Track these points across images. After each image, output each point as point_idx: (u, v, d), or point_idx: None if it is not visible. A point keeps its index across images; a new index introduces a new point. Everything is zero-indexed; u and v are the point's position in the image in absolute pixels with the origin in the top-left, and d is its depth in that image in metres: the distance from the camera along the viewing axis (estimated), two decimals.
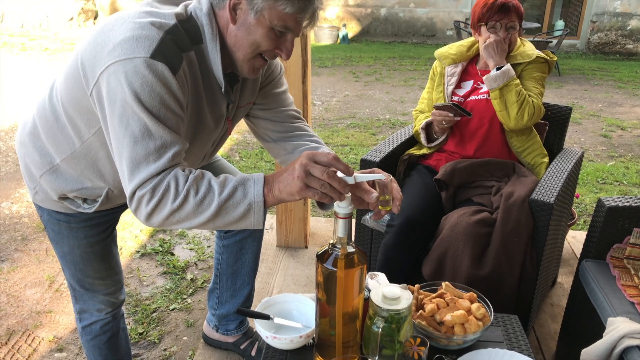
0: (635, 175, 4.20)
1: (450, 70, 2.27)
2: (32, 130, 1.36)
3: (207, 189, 1.10)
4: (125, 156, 1.10)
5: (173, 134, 1.12)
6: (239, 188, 1.10)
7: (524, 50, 2.20)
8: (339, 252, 1.12)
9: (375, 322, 1.16)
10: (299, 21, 1.18)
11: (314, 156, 1.08)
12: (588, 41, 9.44)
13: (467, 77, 2.27)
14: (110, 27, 1.14)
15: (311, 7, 1.17)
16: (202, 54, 1.22)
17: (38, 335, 2.27)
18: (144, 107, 1.08)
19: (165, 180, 1.08)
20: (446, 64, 2.28)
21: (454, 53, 2.28)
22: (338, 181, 1.06)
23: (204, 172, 1.14)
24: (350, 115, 5.71)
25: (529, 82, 2.15)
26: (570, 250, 2.89)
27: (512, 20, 2.11)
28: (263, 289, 2.53)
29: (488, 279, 1.79)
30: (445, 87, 2.26)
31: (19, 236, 3.05)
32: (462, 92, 2.25)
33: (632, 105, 6.31)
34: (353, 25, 10.34)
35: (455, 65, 2.27)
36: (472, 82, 2.25)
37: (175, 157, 1.11)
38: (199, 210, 1.09)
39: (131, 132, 1.08)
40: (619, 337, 1.50)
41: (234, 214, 1.10)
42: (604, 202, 1.86)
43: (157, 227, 1.47)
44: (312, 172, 1.06)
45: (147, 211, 1.09)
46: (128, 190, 1.10)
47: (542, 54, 2.20)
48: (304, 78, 2.50)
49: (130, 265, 2.77)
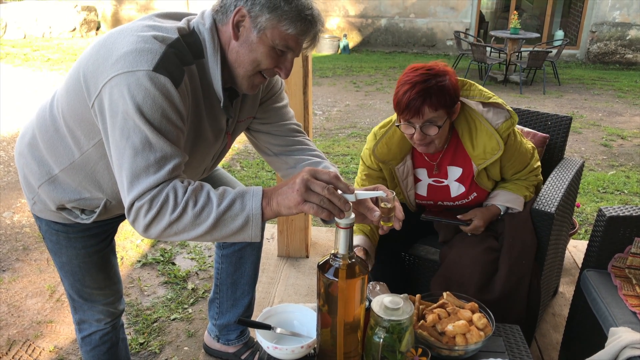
0: (636, 185, 4.20)
1: (402, 172, 1.92)
2: (31, 140, 1.37)
3: (205, 200, 1.10)
4: (125, 167, 1.10)
5: (173, 146, 1.12)
6: (237, 200, 1.11)
7: (485, 140, 1.77)
8: (340, 262, 1.12)
9: (376, 333, 1.16)
10: (300, 42, 1.21)
11: (315, 172, 1.08)
12: (587, 51, 9.47)
13: (417, 164, 1.94)
14: (113, 40, 1.15)
15: (313, 30, 1.21)
16: (203, 68, 1.23)
17: (39, 345, 2.26)
18: (145, 120, 1.09)
19: (164, 192, 1.09)
20: (394, 166, 1.90)
21: (398, 152, 1.87)
22: (339, 198, 1.06)
23: (203, 183, 1.14)
24: (351, 125, 5.72)
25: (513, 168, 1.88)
26: (571, 260, 2.88)
27: (427, 117, 1.65)
28: (264, 299, 2.53)
29: (497, 304, 1.73)
30: (405, 192, 1.97)
31: (20, 246, 3.05)
32: (423, 188, 1.96)
33: (632, 114, 6.32)
34: (354, 35, 10.40)
35: (404, 162, 1.90)
36: (425, 170, 1.94)
37: (175, 169, 1.12)
38: (197, 222, 1.09)
39: (132, 144, 1.09)
40: (621, 347, 1.49)
41: (231, 227, 1.11)
42: (604, 211, 1.86)
43: (155, 239, 1.47)
44: (312, 188, 1.06)
45: (146, 222, 1.09)
46: (127, 201, 1.11)
47: (507, 123, 1.77)
48: (305, 88, 2.51)
49: (132, 275, 2.77)
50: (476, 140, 1.79)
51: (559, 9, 10.49)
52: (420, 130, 1.69)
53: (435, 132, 1.70)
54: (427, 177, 1.94)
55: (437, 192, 1.95)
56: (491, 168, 1.85)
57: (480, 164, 1.81)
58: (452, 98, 1.68)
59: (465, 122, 1.80)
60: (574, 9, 9.99)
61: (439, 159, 1.89)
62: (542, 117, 2.39)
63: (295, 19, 1.16)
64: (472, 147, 1.80)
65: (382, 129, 1.89)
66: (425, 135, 1.70)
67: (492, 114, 1.79)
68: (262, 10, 1.15)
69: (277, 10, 1.15)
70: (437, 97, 1.64)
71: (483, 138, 1.77)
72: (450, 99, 1.67)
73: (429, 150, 1.79)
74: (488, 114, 1.79)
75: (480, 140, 1.78)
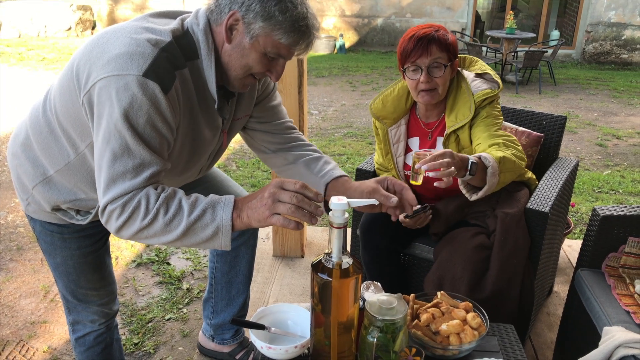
0: (630, 184, 4.21)
1: (394, 135, 2.00)
2: (25, 141, 1.36)
3: (176, 209, 1.11)
4: (104, 170, 1.12)
5: (154, 154, 1.13)
6: (208, 210, 1.12)
7: (461, 104, 1.85)
8: (333, 262, 1.12)
9: (370, 332, 1.15)
10: (293, 51, 1.22)
11: (282, 183, 1.10)
12: (583, 51, 9.50)
13: (411, 132, 2.02)
14: (106, 40, 1.15)
15: (306, 40, 1.21)
16: (198, 69, 1.23)
17: (32, 346, 2.25)
18: (129, 125, 1.09)
19: (136, 198, 1.10)
20: (387, 126, 2.00)
21: (393, 111, 1.98)
22: (308, 204, 1.08)
23: (177, 190, 1.15)
24: (347, 125, 5.72)
25: (484, 130, 1.81)
26: (566, 259, 2.89)
27: (434, 55, 1.76)
28: (259, 299, 2.53)
29: (488, 301, 1.74)
30: (394, 158, 2.02)
31: (14, 246, 3.03)
32: (411, 157, 1.93)
33: (627, 114, 6.34)
34: (350, 35, 10.39)
35: (397, 125, 1.99)
36: (417, 139, 2.00)
37: (152, 177, 1.13)
38: (168, 229, 1.11)
39: (112, 148, 1.10)
40: (614, 346, 1.50)
41: (201, 235, 1.12)
42: (598, 211, 1.86)
43: (127, 240, 1.49)
44: (280, 199, 1.08)
45: (117, 225, 1.12)
46: (101, 203, 1.13)
47: (486, 90, 1.84)
48: (300, 88, 2.51)
49: (126, 275, 2.76)
50: (455, 105, 1.87)
51: (554, 9, 10.51)
52: (427, 73, 1.77)
53: (441, 73, 1.79)
54: (418, 148, 2.01)
55: None
56: (461, 134, 1.87)
57: (450, 127, 1.86)
58: (454, 48, 1.81)
59: (454, 90, 1.89)
60: (570, 9, 10.02)
61: (433, 127, 1.96)
62: (536, 116, 2.40)
63: (289, 29, 1.16)
64: (450, 111, 1.89)
65: (382, 91, 2.03)
66: (431, 78, 1.78)
67: (478, 82, 1.89)
68: (256, 17, 1.15)
69: (271, 19, 1.14)
70: (443, 39, 1.77)
71: (460, 103, 1.86)
72: (452, 47, 1.80)
73: (432, 100, 1.84)
74: (474, 82, 1.89)
75: (457, 105, 1.87)
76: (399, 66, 1.87)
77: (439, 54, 1.76)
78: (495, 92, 1.84)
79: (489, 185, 1.64)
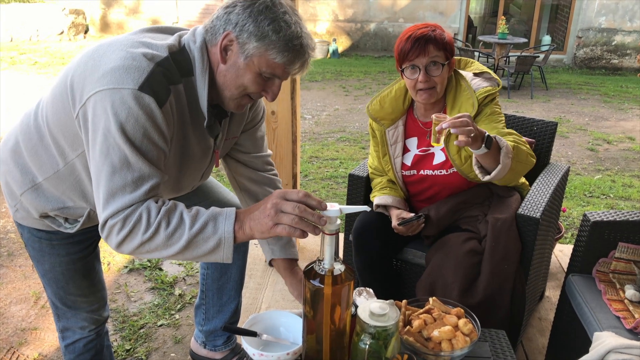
0: (621, 189, 4.25)
1: (392, 135, 2.01)
2: (14, 147, 1.36)
3: (178, 222, 1.11)
4: (102, 184, 1.10)
5: (152, 167, 1.13)
6: (209, 223, 1.11)
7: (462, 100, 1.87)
8: (325, 269, 1.12)
9: (362, 339, 1.16)
10: (288, 71, 1.21)
11: (284, 193, 1.10)
12: (574, 56, 9.58)
13: (409, 133, 2.03)
14: (102, 53, 1.15)
15: (301, 59, 1.20)
16: (192, 85, 1.23)
17: (23, 352, 2.23)
18: (126, 138, 1.09)
19: (137, 212, 1.09)
20: (385, 127, 2.01)
21: (391, 112, 1.99)
22: (311, 214, 1.07)
23: (177, 204, 1.15)
24: (340, 129, 5.73)
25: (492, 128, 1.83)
26: (557, 264, 2.90)
27: (432, 55, 1.78)
28: (252, 305, 2.52)
29: (479, 307, 1.75)
30: (392, 159, 2.03)
31: (4, 252, 3.01)
32: (409, 158, 2.01)
33: (618, 119, 6.40)
34: (343, 39, 10.43)
35: (395, 126, 2.00)
36: (416, 139, 2.01)
37: (151, 190, 1.13)
38: (169, 243, 1.10)
39: (110, 161, 1.09)
40: (605, 351, 1.50)
41: (203, 248, 1.12)
42: (588, 216, 1.87)
43: (127, 255, 1.48)
44: (282, 209, 1.08)
45: (118, 240, 1.11)
46: (101, 218, 1.12)
47: (487, 88, 1.88)
48: (293, 93, 2.51)
49: (118, 281, 2.74)
50: (456, 102, 1.89)
51: (546, 14, 10.60)
52: (425, 72, 1.79)
53: (438, 72, 1.80)
54: (416, 148, 2.01)
55: (421, 161, 2.01)
56: None
57: None
58: (451, 46, 1.83)
59: (453, 89, 1.91)
60: (561, 15, 10.10)
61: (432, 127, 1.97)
62: (528, 122, 2.42)
63: (283, 49, 1.16)
64: (451, 108, 1.90)
65: (379, 92, 2.04)
66: (429, 77, 1.80)
67: (478, 81, 1.92)
68: (250, 38, 1.15)
69: (265, 39, 1.14)
70: (440, 38, 1.79)
71: (461, 99, 1.88)
72: (449, 46, 1.82)
73: (431, 98, 1.85)
74: (474, 81, 1.92)
75: (458, 102, 1.89)
76: (397, 66, 1.89)
77: (436, 52, 1.79)
78: (496, 89, 1.89)
79: (502, 165, 1.67)
